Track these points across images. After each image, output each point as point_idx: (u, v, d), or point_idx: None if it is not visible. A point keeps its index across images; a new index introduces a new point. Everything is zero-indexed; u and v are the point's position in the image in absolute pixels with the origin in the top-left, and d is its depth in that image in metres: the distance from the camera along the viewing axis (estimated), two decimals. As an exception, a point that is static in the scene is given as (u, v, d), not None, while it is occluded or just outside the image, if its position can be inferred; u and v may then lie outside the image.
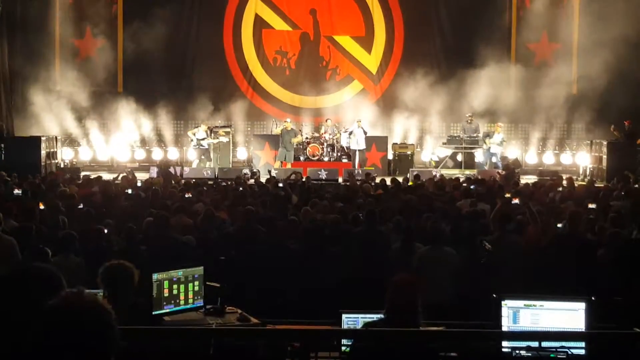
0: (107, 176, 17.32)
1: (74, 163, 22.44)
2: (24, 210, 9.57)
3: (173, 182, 16.10)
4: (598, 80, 22.45)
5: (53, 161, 21.15)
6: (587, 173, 21.33)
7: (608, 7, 22.88)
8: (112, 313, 2.44)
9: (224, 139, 22.50)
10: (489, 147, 21.85)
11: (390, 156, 23.06)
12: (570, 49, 24.09)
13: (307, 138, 22.63)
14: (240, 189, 13.79)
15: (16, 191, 13.13)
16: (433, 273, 7.48)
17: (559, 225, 9.45)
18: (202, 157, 21.80)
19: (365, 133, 21.89)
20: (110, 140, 24.22)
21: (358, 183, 15.11)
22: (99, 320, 2.41)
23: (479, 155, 22.34)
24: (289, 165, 21.29)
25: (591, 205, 11.25)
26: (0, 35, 22.83)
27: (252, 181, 16.79)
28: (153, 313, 5.57)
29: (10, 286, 2.89)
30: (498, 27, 24.02)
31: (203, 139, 21.72)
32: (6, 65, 23.06)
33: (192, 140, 21.92)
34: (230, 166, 22.13)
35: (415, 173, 18.43)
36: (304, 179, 16.59)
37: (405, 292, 4.70)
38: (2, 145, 20.17)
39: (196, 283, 5.93)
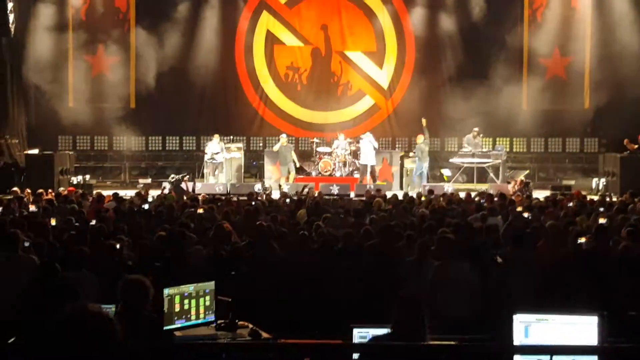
0: (120, 192, 17.38)
1: (87, 180, 22.56)
2: (36, 226, 9.62)
3: (185, 197, 16.15)
4: (611, 93, 22.40)
5: (66, 177, 21.26)
6: (600, 187, 21.22)
7: (619, 20, 22.87)
8: (117, 325, 2.46)
9: (237, 154, 22.56)
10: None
11: (399, 170, 22.93)
12: (583, 63, 24.03)
13: (318, 153, 22.61)
14: (253, 204, 13.82)
15: (32, 208, 13.17)
16: (450, 287, 7.46)
17: (582, 240, 9.34)
18: (216, 171, 21.77)
19: (375, 148, 21.87)
20: (123, 157, 24.35)
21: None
22: (103, 332, 2.43)
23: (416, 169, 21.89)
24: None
25: (602, 220, 11.19)
26: (14, 51, 23.01)
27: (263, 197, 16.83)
28: (164, 328, 5.58)
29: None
30: (510, 42, 23.99)
31: (217, 154, 21.74)
32: (21, 82, 23.25)
33: (206, 154, 21.93)
34: (242, 182, 22.16)
35: (427, 188, 18.41)
36: (316, 194, 16.62)
37: (410, 308, 4.75)
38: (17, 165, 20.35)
39: (207, 298, 5.94)
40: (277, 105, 25.15)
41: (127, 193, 16.96)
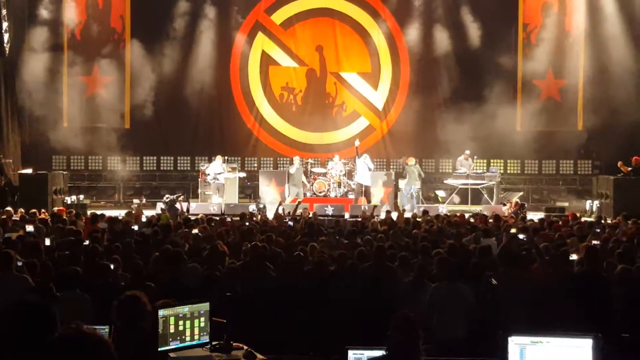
0: (114, 213, 17.35)
1: (81, 199, 22.49)
2: (29, 246, 9.59)
3: (179, 218, 16.12)
4: (604, 116, 22.51)
5: (60, 197, 21.19)
6: (594, 209, 21.25)
7: (612, 43, 23.05)
8: (111, 346, 2.45)
9: (240, 174, 22.59)
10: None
11: (397, 192, 22.98)
12: (576, 85, 24.18)
13: (313, 174, 22.64)
14: (247, 224, 13.80)
15: (28, 228, 13.05)
16: (448, 309, 7.45)
17: (574, 256, 9.37)
18: (217, 191, 21.69)
19: (370, 169, 21.89)
20: (118, 177, 24.32)
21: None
22: (98, 353, 2.41)
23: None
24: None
25: (595, 242, 11.20)
26: (9, 71, 23.04)
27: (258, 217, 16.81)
28: (159, 349, 5.55)
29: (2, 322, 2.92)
30: (504, 64, 24.11)
31: (220, 174, 21.72)
32: (15, 101, 23.25)
33: (208, 174, 21.87)
34: (237, 202, 22.14)
35: (422, 209, 18.42)
36: (310, 215, 16.61)
37: (405, 330, 4.75)
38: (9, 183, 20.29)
39: (202, 319, 5.91)
40: (272, 125, 25.20)
41: (121, 213, 16.92)
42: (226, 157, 22.77)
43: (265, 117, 25.18)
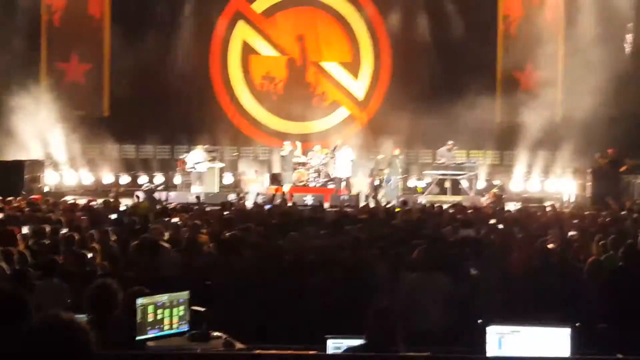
0: (91, 201, 17.22)
1: (58, 187, 22.29)
2: (5, 234, 9.50)
3: (157, 207, 16.04)
4: (582, 107, 22.64)
5: (37, 185, 21.01)
6: (571, 200, 21.41)
7: (592, 35, 23.18)
8: (90, 334, 2.44)
9: (219, 164, 22.52)
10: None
11: (376, 182, 23.05)
12: (555, 77, 24.31)
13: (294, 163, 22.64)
14: (226, 213, 13.77)
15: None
16: (424, 299, 7.47)
17: (550, 246, 9.46)
18: (197, 180, 21.60)
19: (351, 160, 21.90)
20: (95, 165, 24.12)
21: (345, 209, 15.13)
22: (77, 340, 2.40)
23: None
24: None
25: (572, 233, 11.29)
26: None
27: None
28: (137, 338, 5.52)
29: None
30: (484, 55, 24.19)
31: (198, 163, 21.63)
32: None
33: (186, 163, 21.78)
34: (217, 191, 22.07)
35: (401, 199, 18.46)
36: (289, 205, 16.60)
37: (383, 320, 4.78)
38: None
39: (181, 308, 5.89)
40: (252, 115, 25.13)
41: (99, 201, 16.81)
42: (206, 146, 22.68)
43: (246, 107, 25.10)
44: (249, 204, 18.08)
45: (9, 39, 23.08)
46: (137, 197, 19.40)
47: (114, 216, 13.53)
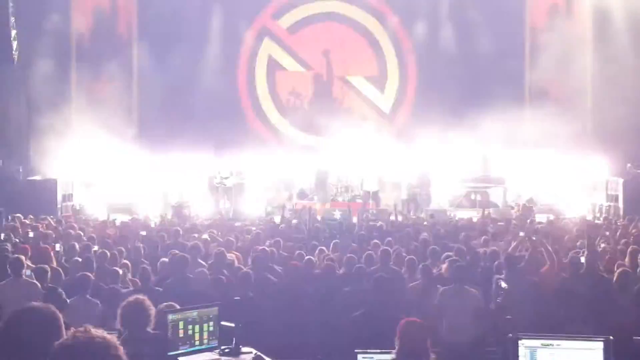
0: (123, 218, 17.37)
1: (89, 205, 22.48)
2: (39, 252, 9.62)
3: (187, 223, 16.14)
4: (613, 117, 22.40)
5: (69, 203, 21.23)
6: (603, 211, 21.16)
7: (621, 42, 22.97)
8: (121, 350, 2.45)
9: (246, 180, 22.63)
10: None
11: (404, 196, 22.97)
12: (585, 86, 24.10)
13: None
14: (254, 229, 13.81)
15: (31, 234, 13.15)
16: (456, 312, 7.43)
17: (583, 259, 9.34)
18: (225, 196, 21.69)
19: (379, 175, 21.87)
20: (126, 182, 24.29)
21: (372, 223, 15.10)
22: (108, 357, 2.42)
23: None
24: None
25: (604, 244, 11.15)
26: (18, 78, 23.12)
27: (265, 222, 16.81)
28: (168, 354, 5.55)
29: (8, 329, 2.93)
30: (511, 65, 24.07)
31: (226, 178, 21.73)
32: (23, 108, 23.31)
33: (215, 178, 21.90)
34: (245, 207, 22.10)
35: (430, 212, 18.38)
36: (318, 219, 16.61)
37: (414, 333, 4.75)
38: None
39: (211, 323, 5.92)
40: (279, 130, 25.20)
41: (130, 218, 16.95)
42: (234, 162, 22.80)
43: (273, 122, 25.18)
44: (277, 219, 18.11)
45: (39, 60, 23.43)
46: (166, 213, 19.51)
47: (143, 233, 13.64)
